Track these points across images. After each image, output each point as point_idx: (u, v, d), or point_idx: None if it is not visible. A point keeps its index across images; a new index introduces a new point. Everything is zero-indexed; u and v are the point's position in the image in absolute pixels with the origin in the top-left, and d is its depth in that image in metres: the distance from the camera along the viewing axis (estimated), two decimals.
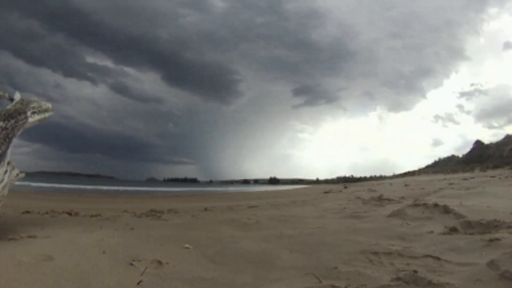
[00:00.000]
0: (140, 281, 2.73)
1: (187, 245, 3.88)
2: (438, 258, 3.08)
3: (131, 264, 3.10)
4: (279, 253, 3.64)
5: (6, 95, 4.73)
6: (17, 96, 4.74)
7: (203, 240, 4.17)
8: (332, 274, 2.89)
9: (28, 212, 6.59)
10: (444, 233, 4.14)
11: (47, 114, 4.93)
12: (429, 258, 3.10)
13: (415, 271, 2.67)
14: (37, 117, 4.69)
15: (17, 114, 4.37)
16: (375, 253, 3.36)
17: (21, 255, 3.00)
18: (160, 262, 3.19)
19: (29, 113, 4.52)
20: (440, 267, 2.89)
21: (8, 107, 4.45)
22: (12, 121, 4.25)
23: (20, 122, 4.35)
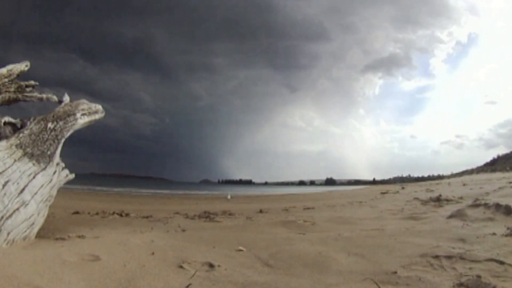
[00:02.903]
0: (189, 284, 2.62)
1: (240, 248, 3.77)
2: (502, 262, 2.91)
3: (181, 267, 3.02)
4: (336, 256, 3.49)
5: (55, 97, 4.80)
6: (66, 98, 4.81)
7: (258, 243, 4.08)
8: (391, 279, 2.76)
9: (78, 212, 6.81)
10: (507, 235, 3.93)
11: (97, 116, 4.97)
12: (493, 262, 2.94)
13: (479, 276, 2.60)
14: (87, 118, 4.73)
15: (66, 115, 4.42)
16: (436, 256, 3.22)
17: (67, 254, 3.01)
18: (211, 265, 3.10)
19: (78, 115, 4.57)
20: (505, 272, 2.75)
21: (57, 109, 4.52)
22: (61, 123, 4.30)
23: (70, 124, 4.40)
